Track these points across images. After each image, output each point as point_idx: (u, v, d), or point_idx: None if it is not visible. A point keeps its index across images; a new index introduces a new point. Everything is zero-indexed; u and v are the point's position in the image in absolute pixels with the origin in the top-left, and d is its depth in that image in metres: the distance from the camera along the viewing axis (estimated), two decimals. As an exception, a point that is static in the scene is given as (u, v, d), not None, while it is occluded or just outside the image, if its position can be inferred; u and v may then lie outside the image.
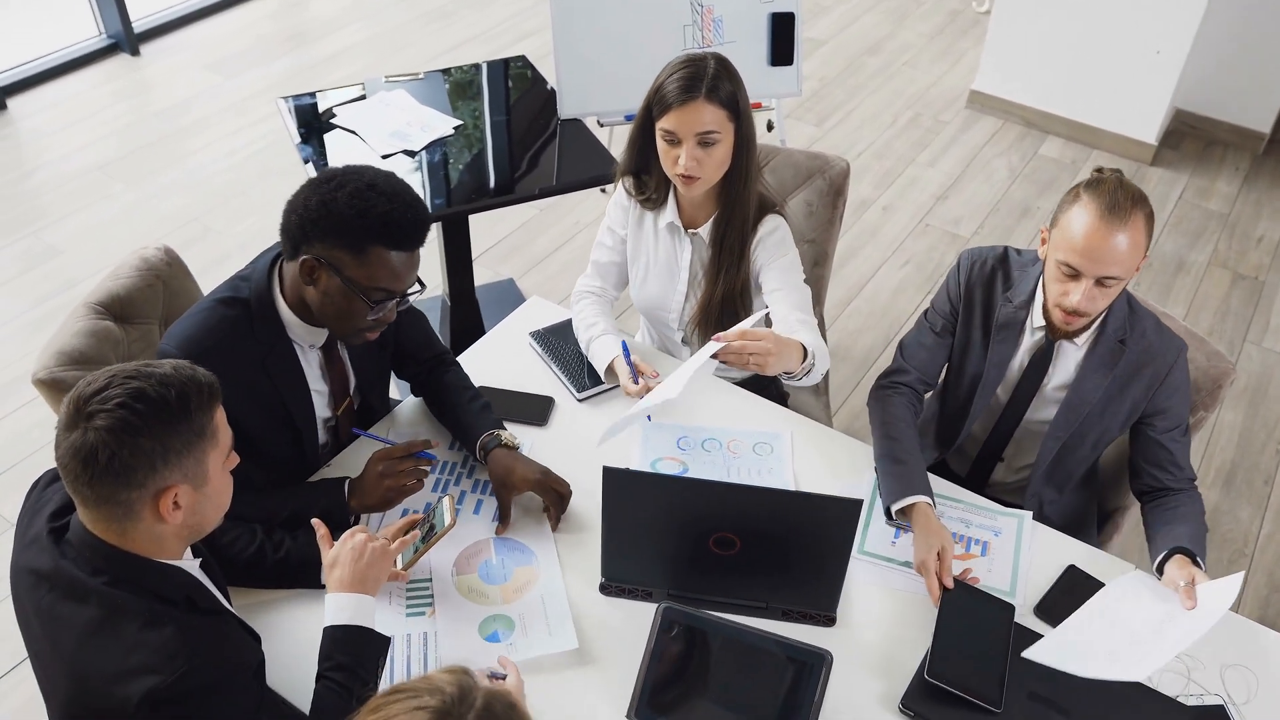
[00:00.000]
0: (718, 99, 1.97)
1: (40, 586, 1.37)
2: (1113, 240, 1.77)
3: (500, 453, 1.90)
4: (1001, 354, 2.04)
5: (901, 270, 3.96)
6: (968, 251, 2.10)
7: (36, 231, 3.90)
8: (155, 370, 1.32)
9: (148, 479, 1.30)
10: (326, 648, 1.55)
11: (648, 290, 2.29)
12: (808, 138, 4.64)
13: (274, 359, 1.81)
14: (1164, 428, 1.98)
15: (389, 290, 1.72)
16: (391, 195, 1.68)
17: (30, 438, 3.10)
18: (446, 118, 2.98)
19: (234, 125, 4.48)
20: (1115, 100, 4.51)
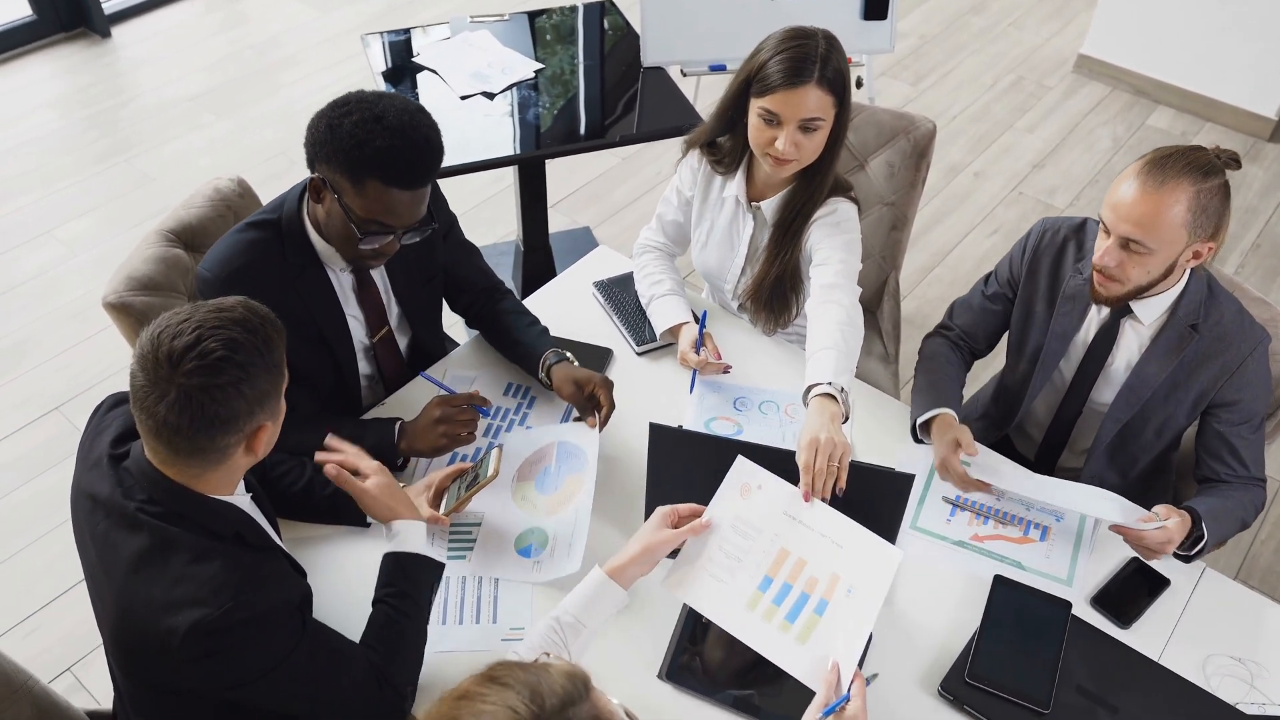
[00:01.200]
0: (827, 84, 1.87)
1: (97, 511, 1.40)
2: (1141, 196, 1.67)
3: (562, 368, 1.94)
4: (1065, 326, 1.95)
5: (989, 239, 3.82)
6: (1044, 220, 2.01)
7: (131, 159, 4.00)
8: (233, 314, 1.32)
9: (246, 423, 1.33)
10: (386, 573, 1.57)
11: (707, 256, 2.24)
12: (901, 97, 4.49)
13: (305, 281, 1.82)
14: (1231, 420, 1.87)
15: (382, 224, 1.70)
16: (396, 131, 1.64)
17: (111, 360, 3.20)
18: (528, 60, 2.95)
19: (326, 60, 4.52)
20: (1234, 70, 4.26)
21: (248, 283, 1.72)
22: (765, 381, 2.08)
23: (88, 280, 3.47)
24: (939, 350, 2.10)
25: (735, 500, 1.53)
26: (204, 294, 1.77)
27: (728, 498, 1.52)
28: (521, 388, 2.04)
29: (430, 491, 1.73)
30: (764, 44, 1.92)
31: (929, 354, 2.10)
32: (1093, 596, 1.74)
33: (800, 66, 1.85)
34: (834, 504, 1.59)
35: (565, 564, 1.69)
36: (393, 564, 1.57)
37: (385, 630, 1.52)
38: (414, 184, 1.69)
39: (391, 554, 1.58)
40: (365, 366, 2.00)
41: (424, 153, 1.67)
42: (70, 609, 2.59)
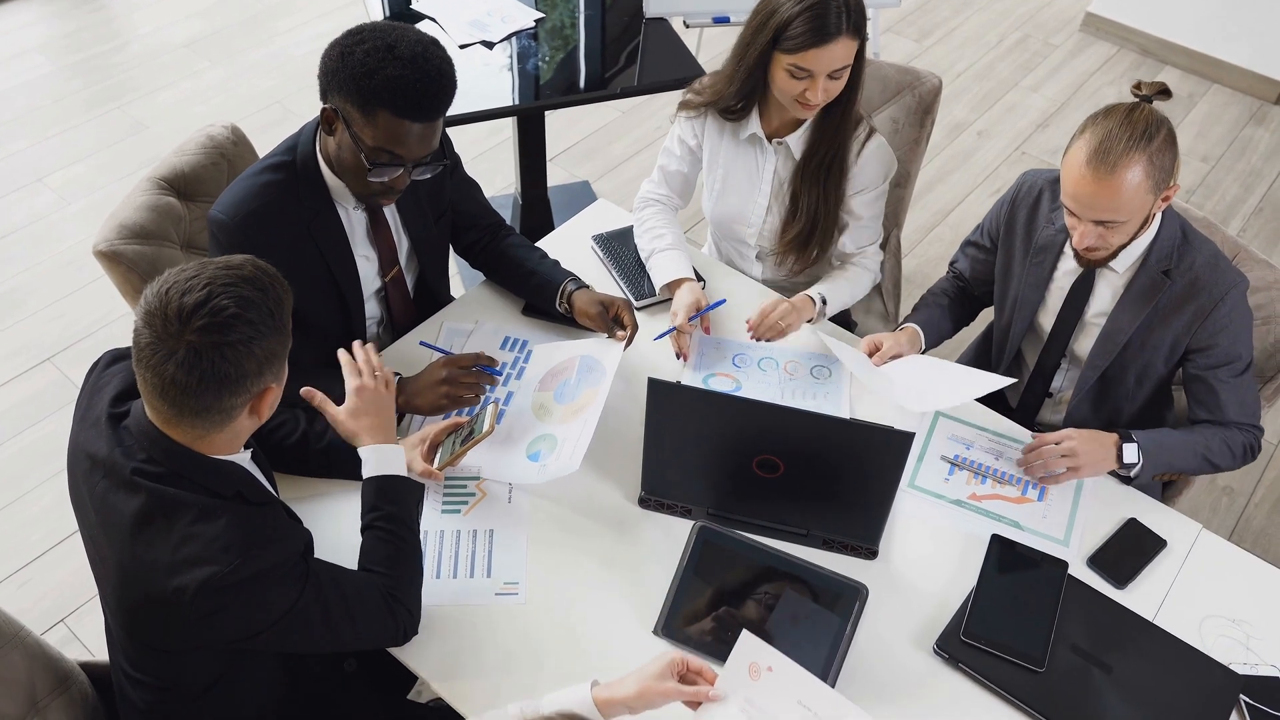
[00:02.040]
0: (852, 29, 1.86)
1: (95, 471, 1.38)
2: (1099, 188, 1.67)
3: (583, 293, 1.98)
4: (1037, 276, 1.97)
5: (991, 199, 3.78)
6: (1025, 172, 2.02)
7: (123, 105, 3.94)
8: (242, 272, 1.30)
9: (255, 383, 1.31)
10: (370, 499, 1.56)
11: (726, 203, 2.20)
12: (905, 53, 4.43)
13: (319, 223, 1.81)
14: (1206, 364, 1.86)
15: (392, 154, 1.68)
16: (408, 61, 1.61)
17: (105, 309, 3.17)
18: (528, 9, 2.89)
19: (322, 8, 4.44)
20: (1243, 31, 4.20)
21: (262, 226, 1.72)
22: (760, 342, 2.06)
23: (80, 229, 3.43)
24: (941, 283, 2.23)
25: (744, 680, 1.46)
26: (217, 238, 1.74)
27: (737, 675, 1.41)
28: (519, 341, 2.02)
29: (424, 445, 1.72)
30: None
31: (933, 286, 2.24)
32: (1089, 556, 1.74)
33: (828, 24, 1.83)
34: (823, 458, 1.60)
35: (568, 465, 1.70)
36: (374, 489, 1.56)
37: (382, 552, 1.52)
38: (424, 116, 1.66)
39: (372, 479, 1.57)
40: (372, 309, 1.99)
41: (435, 84, 1.64)
42: (63, 561, 2.59)
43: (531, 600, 1.63)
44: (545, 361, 1.95)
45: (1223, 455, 1.87)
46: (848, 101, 1.98)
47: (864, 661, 1.57)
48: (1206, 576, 1.74)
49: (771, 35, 1.88)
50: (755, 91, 2.02)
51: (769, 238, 2.18)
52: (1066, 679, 1.56)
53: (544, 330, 2.04)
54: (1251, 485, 2.95)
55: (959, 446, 1.90)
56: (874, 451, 1.61)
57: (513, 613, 1.61)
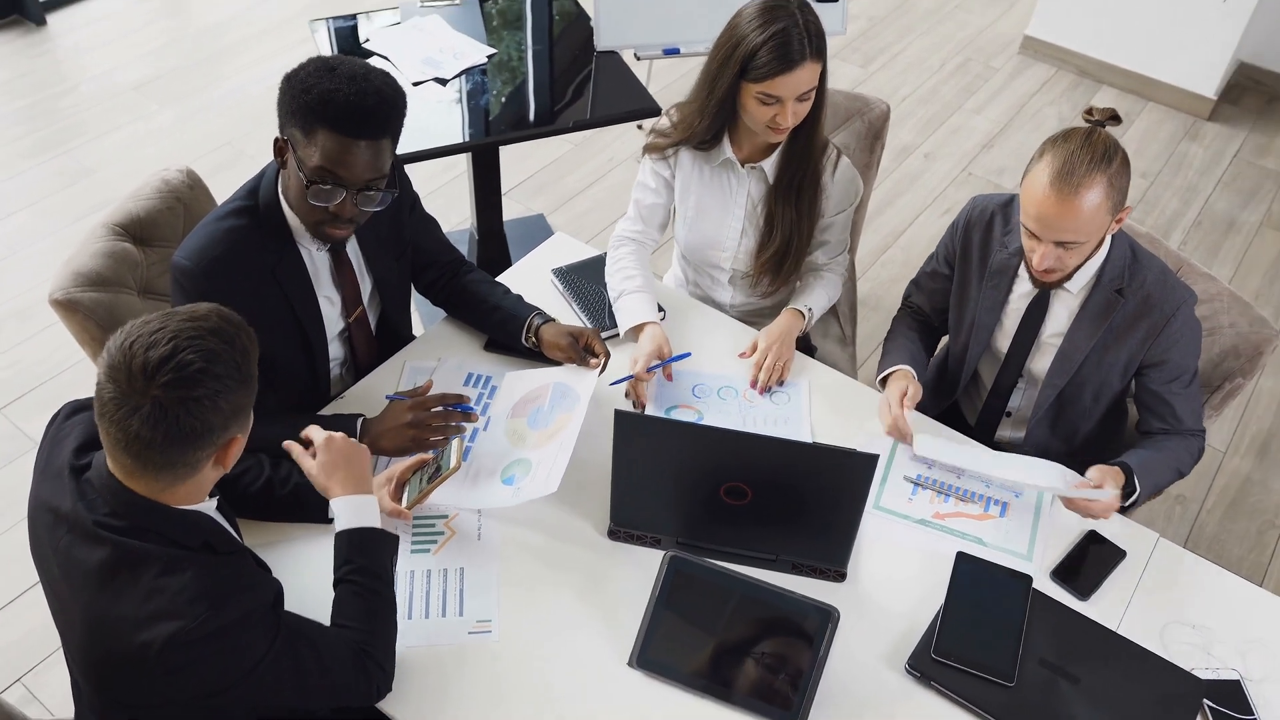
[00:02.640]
0: (814, 53, 1.91)
1: (59, 525, 1.36)
2: (1062, 208, 1.71)
3: (551, 326, 1.99)
4: (993, 299, 2.02)
5: (940, 220, 3.86)
6: (975, 197, 2.07)
7: (70, 150, 3.90)
8: (208, 324, 1.28)
9: (220, 436, 1.30)
10: (343, 552, 1.54)
11: (700, 229, 2.23)
12: (851, 79, 4.51)
13: (284, 267, 1.80)
14: (1161, 379, 1.93)
15: (333, 174, 1.65)
16: (347, 78, 1.62)
17: (57, 359, 3.12)
18: (481, 46, 2.92)
19: (271, 48, 4.44)
20: (1175, 51, 4.34)
21: (227, 272, 1.72)
22: (722, 367, 2.08)
23: (30, 276, 3.38)
24: (903, 319, 2.23)
25: None
26: (181, 284, 1.73)
27: None
28: (483, 377, 2.02)
29: (391, 485, 1.71)
30: (742, 23, 1.93)
31: (895, 323, 2.24)
32: (1052, 570, 1.77)
33: (791, 51, 1.88)
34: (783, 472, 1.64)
35: (545, 486, 1.70)
36: (347, 541, 1.54)
37: (355, 607, 1.50)
38: (364, 133, 1.64)
39: (344, 532, 1.55)
40: (336, 350, 1.98)
41: (374, 100, 1.63)
42: (20, 617, 2.53)
43: (505, 638, 1.63)
44: (517, 389, 1.96)
45: (1186, 463, 1.95)
46: (814, 122, 2.02)
47: (838, 683, 1.59)
48: (1165, 585, 1.78)
49: (739, 66, 1.92)
50: (725, 120, 2.05)
51: (744, 260, 2.22)
52: (1036, 692, 1.59)
53: (507, 364, 2.05)
54: (1203, 493, 3.01)
55: (921, 466, 1.93)
56: (839, 475, 1.63)
57: (487, 651, 1.61)
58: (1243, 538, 2.91)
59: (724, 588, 1.59)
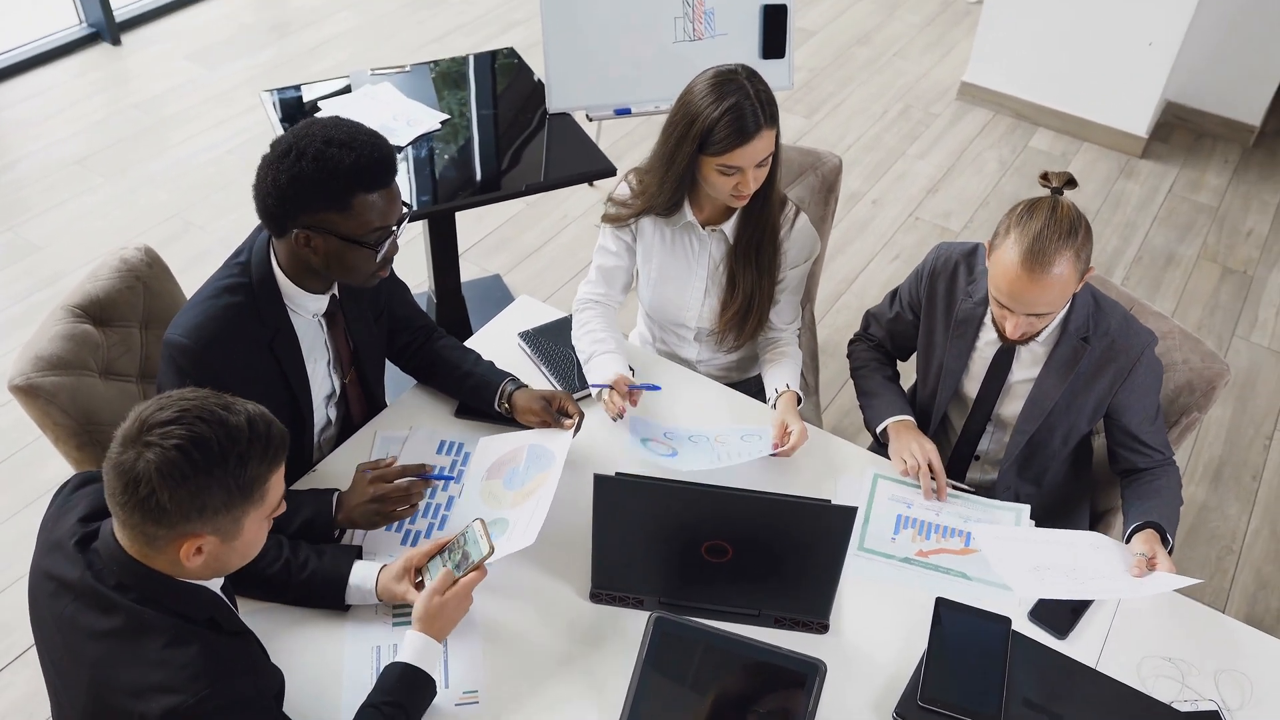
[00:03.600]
0: (769, 120, 1.95)
1: (63, 595, 1.35)
2: (1035, 286, 1.77)
3: (524, 392, 2.01)
4: (959, 347, 2.06)
5: (891, 264, 3.93)
6: (938, 246, 2.12)
7: (15, 226, 3.84)
8: (229, 418, 1.28)
9: (178, 523, 1.28)
10: (390, 681, 1.53)
11: (664, 291, 2.25)
12: (797, 130, 4.61)
13: (279, 341, 1.82)
14: (1132, 420, 2.00)
15: (382, 228, 1.74)
16: (350, 143, 1.67)
17: (7, 440, 3.05)
18: (433, 112, 2.94)
19: (216, 117, 4.42)
20: (1106, 92, 4.49)
21: (224, 348, 1.73)
22: (689, 422, 2.10)
23: (-23, 357, 3.31)
24: (870, 357, 2.25)
25: None
26: (177, 361, 1.72)
27: None
28: (455, 444, 2.01)
29: (411, 573, 1.68)
30: (695, 99, 1.96)
31: (862, 361, 2.26)
32: (1030, 611, 1.80)
33: (746, 123, 1.92)
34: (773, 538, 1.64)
35: (520, 540, 1.70)
36: (399, 675, 1.53)
37: None
38: (389, 179, 1.73)
39: (403, 664, 1.54)
40: (320, 418, 1.98)
41: (384, 147, 1.71)
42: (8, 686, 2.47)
43: (492, 707, 1.61)
44: (491, 452, 1.96)
45: (1180, 494, 2.00)
46: (770, 183, 2.06)
47: (828, 737, 1.59)
48: (1140, 619, 1.81)
49: (696, 142, 1.96)
50: (684, 189, 2.08)
51: (708, 318, 2.24)
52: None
53: (479, 430, 2.04)
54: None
55: (900, 506, 1.96)
56: (818, 527, 1.64)
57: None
58: (1203, 564, 2.97)
59: (710, 646, 1.59)
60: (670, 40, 3.16)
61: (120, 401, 1.99)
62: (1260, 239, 4.17)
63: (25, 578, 1.46)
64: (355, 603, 1.70)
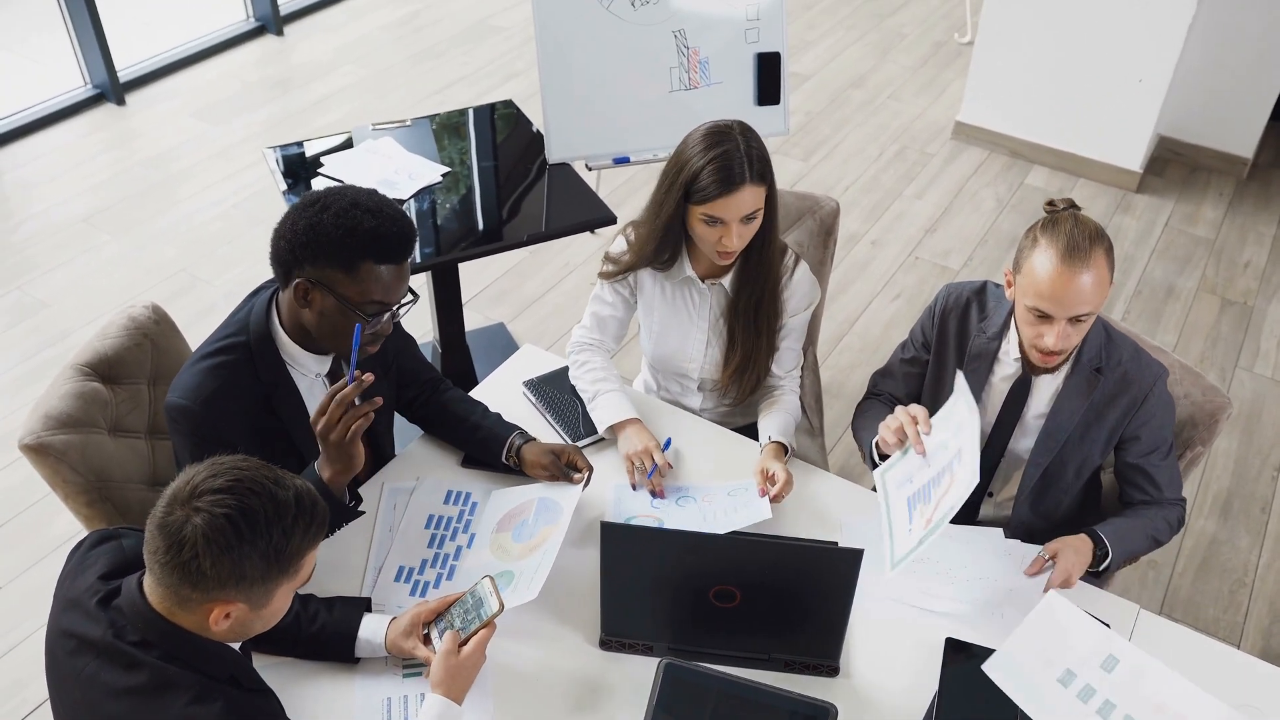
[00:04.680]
0: (757, 178, 1.96)
1: (84, 653, 1.36)
2: (1078, 282, 1.78)
3: (532, 446, 2.01)
4: (973, 384, 2.04)
5: (892, 304, 3.96)
6: (947, 285, 2.13)
7: (23, 285, 3.88)
8: (278, 492, 1.30)
9: (213, 589, 1.29)
10: None
11: (666, 343, 2.27)
12: (794, 173, 4.65)
13: (279, 397, 1.83)
14: (1140, 452, 2.00)
15: (382, 303, 1.75)
16: (376, 211, 1.70)
17: (16, 497, 3.06)
18: (435, 165, 2.98)
19: (221, 173, 4.48)
20: (1099, 129, 4.54)
21: (223, 406, 1.74)
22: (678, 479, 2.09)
23: (-14, 416, 3.34)
24: (874, 404, 2.24)
25: None
26: (179, 423, 1.74)
27: None
28: (463, 494, 2.02)
29: (419, 629, 1.68)
30: (687, 149, 1.99)
31: (864, 409, 2.24)
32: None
33: (733, 174, 1.93)
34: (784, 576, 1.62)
35: (525, 594, 1.72)
36: None
37: None
38: (403, 256, 1.74)
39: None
40: None
41: (406, 225, 1.74)
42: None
43: (503, 759, 1.61)
44: (502, 505, 1.97)
45: (1163, 532, 2.01)
46: (768, 240, 2.07)
47: (841, 782, 1.58)
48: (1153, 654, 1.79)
49: (683, 190, 1.98)
50: (677, 241, 2.10)
51: (711, 369, 2.25)
52: (1037, 775, 1.59)
53: (485, 480, 2.05)
54: (1173, 557, 3.07)
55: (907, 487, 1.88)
56: (826, 570, 1.65)
57: (486, 775, 1.59)
58: (1216, 598, 2.96)
59: (720, 691, 1.59)
60: (667, 89, 3.21)
61: (129, 458, 2.01)
62: (1258, 270, 4.19)
63: (35, 633, 1.47)
64: (365, 655, 1.70)
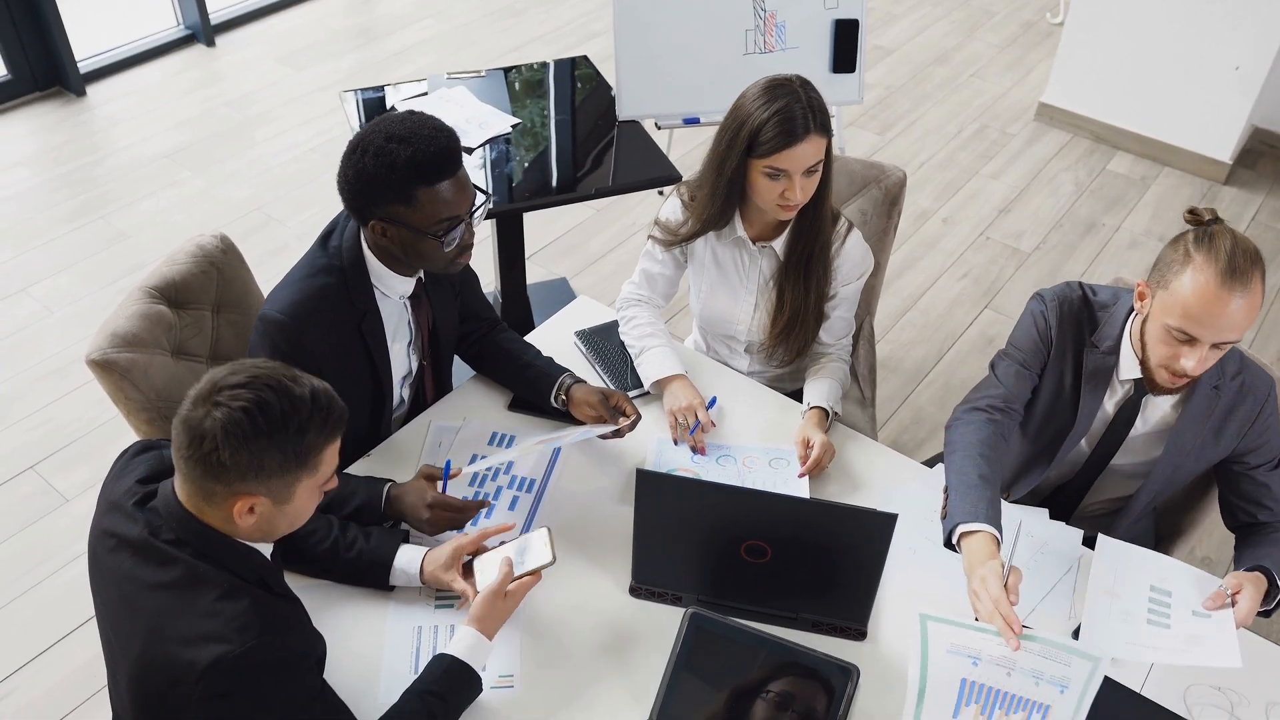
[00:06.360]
0: (820, 129, 1.95)
1: (122, 550, 1.42)
2: (1232, 306, 1.65)
3: (582, 387, 2.03)
4: (1091, 404, 1.93)
5: (959, 283, 3.90)
6: (1045, 292, 1.96)
7: (106, 216, 4.01)
8: (294, 389, 1.34)
9: (235, 481, 1.34)
10: (436, 672, 1.57)
11: (716, 303, 2.27)
12: (869, 146, 4.59)
13: (368, 322, 1.90)
14: (1256, 464, 1.91)
15: (452, 218, 1.79)
16: (408, 138, 1.73)
17: (89, 417, 3.18)
18: (505, 116, 3.00)
19: (301, 117, 4.56)
20: (1189, 116, 4.39)
21: (319, 330, 1.82)
22: (721, 437, 2.09)
23: (64, 337, 3.46)
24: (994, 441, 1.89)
25: None
26: (270, 335, 1.81)
27: None
28: (508, 436, 2.05)
29: (459, 563, 1.70)
30: (746, 103, 1.97)
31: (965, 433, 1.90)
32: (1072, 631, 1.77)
33: (796, 125, 1.92)
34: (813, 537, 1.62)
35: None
36: (446, 668, 1.57)
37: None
38: (451, 170, 1.77)
39: (450, 657, 1.57)
40: (397, 397, 2.06)
41: (443, 139, 1.76)
42: (46, 671, 2.56)
43: (527, 692, 1.64)
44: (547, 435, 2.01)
45: None
46: (821, 198, 2.05)
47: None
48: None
49: (745, 144, 1.97)
50: (736, 201, 2.09)
51: (758, 332, 2.25)
52: (1058, 753, 1.57)
53: (531, 425, 2.08)
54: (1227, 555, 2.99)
55: (964, 664, 1.62)
56: (859, 534, 1.64)
57: (508, 705, 1.62)
58: (1269, 602, 2.88)
59: (744, 645, 1.60)
60: (741, 52, 3.18)
61: (189, 380, 2.00)
62: (1347, 271, 4.04)
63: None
64: (400, 584, 1.74)
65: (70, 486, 2.98)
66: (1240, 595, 1.76)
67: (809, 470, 1.98)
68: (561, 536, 1.86)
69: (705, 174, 2.10)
